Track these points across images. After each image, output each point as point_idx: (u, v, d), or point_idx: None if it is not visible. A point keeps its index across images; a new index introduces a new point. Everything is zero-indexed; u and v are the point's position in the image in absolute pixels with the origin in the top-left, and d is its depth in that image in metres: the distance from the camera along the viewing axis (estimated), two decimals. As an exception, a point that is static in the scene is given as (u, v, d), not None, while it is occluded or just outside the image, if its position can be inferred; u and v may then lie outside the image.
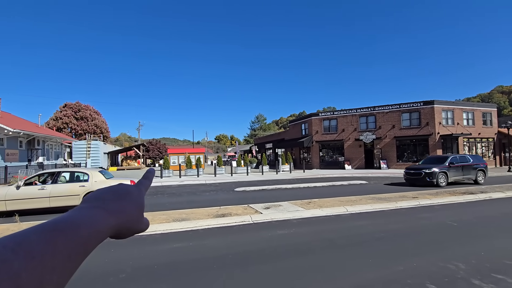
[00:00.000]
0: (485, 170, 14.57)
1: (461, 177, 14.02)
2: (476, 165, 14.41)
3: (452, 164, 13.83)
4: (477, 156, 15.50)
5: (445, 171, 13.55)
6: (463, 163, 14.25)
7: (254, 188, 14.11)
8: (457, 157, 14.47)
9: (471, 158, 14.64)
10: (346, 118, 27.99)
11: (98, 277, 3.84)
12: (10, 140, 19.28)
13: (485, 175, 14.59)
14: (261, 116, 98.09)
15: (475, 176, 14.23)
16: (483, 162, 14.84)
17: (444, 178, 13.45)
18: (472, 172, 14.25)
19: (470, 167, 14.27)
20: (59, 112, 48.08)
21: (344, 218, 7.19)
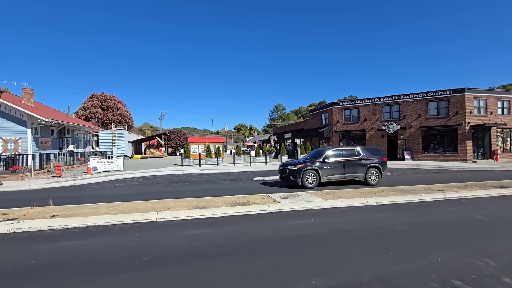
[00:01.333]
0: (381, 166, 11.59)
1: (341, 175, 11.25)
2: (366, 160, 11.51)
3: (327, 160, 11.15)
4: (373, 149, 12.36)
5: (317, 168, 10.92)
6: (348, 158, 11.42)
7: (273, 178, 14.14)
8: (341, 150, 11.68)
9: (362, 151, 11.80)
10: (368, 107, 27.05)
11: (124, 259, 4.05)
12: (43, 129, 20.51)
13: (381, 173, 11.59)
14: (280, 105, 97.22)
15: (364, 175, 11.37)
16: (379, 157, 11.80)
17: (315, 177, 10.82)
18: (360, 169, 11.40)
19: (357, 164, 11.42)
20: (87, 103, 50.35)
21: (365, 209, 7.05)
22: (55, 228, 5.66)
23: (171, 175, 16.40)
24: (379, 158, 11.79)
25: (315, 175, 10.90)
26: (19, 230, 5.52)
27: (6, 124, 17.81)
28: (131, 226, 5.74)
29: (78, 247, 4.59)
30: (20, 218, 6.11)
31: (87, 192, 10.88)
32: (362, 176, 11.45)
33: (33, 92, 22.22)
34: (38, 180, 13.99)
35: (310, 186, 10.71)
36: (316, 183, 10.85)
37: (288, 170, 11.06)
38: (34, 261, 4.01)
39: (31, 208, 7.03)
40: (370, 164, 11.53)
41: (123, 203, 7.75)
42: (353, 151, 11.75)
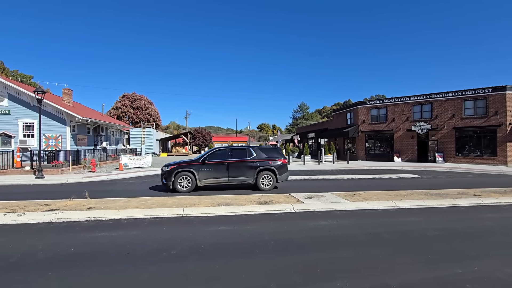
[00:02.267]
0: (277, 170, 10.08)
1: (223, 179, 9.92)
2: (258, 162, 10.06)
3: (207, 161, 9.88)
4: (271, 150, 10.74)
5: (192, 170, 9.66)
6: (235, 159, 10.03)
7: (296, 178, 14.04)
8: (228, 150, 10.31)
9: (255, 152, 10.28)
10: (397, 107, 25.90)
11: (153, 251, 4.25)
12: (80, 127, 21.98)
13: (276, 177, 10.08)
14: (303, 105, 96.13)
15: (255, 179, 9.96)
16: (276, 159, 10.29)
17: (190, 180, 9.59)
18: (248, 172, 9.96)
19: (245, 166, 9.99)
20: (118, 102, 53.14)
21: (393, 213, 6.79)
22: (91, 219, 6.06)
23: (196, 172, 16.84)
24: (275, 160, 10.27)
25: (190, 178, 9.63)
26: (60, 220, 5.98)
27: (48, 122, 19.28)
28: (159, 220, 6.00)
29: (112, 238, 4.88)
30: (61, 209, 6.62)
31: (119, 186, 11.50)
32: (251, 180, 10.01)
33: (71, 92, 23.87)
34: (76, 174, 15.02)
35: (182, 190, 9.51)
36: (192, 187, 9.63)
37: (161, 171, 9.98)
38: (73, 249, 4.33)
39: (70, 200, 7.58)
40: (263, 167, 10.04)
41: (151, 198, 8.11)
42: (243, 152, 10.31)
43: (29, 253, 4.19)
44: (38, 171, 13.47)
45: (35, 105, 17.51)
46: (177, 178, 9.61)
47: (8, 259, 3.94)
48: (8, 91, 19.24)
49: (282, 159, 10.46)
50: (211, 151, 10.50)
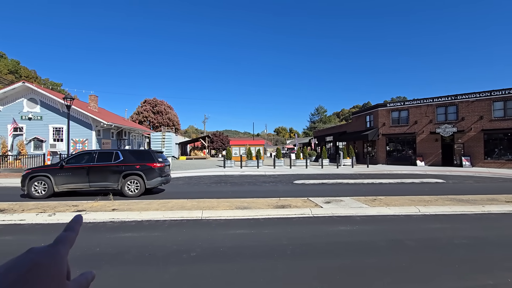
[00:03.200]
0: (145, 175, 9.51)
1: (84, 184, 9.34)
2: (125, 166, 9.47)
3: (67, 164, 9.38)
4: (142, 153, 10.26)
5: (48, 175, 9.09)
6: (98, 163, 9.47)
7: (314, 182, 13.86)
8: (93, 153, 9.75)
9: (123, 155, 9.71)
10: (419, 109, 24.96)
11: (174, 252, 4.36)
12: (105, 131, 22.97)
13: (145, 182, 9.49)
14: (321, 108, 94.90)
15: (119, 184, 9.40)
16: (145, 163, 9.67)
17: (46, 185, 9.05)
18: (112, 177, 9.40)
19: (109, 170, 9.44)
20: (140, 107, 55.06)
21: (416, 219, 6.53)
22: (115, 220, 6.31)
23: (214, 176, 17.07)
24: (144, 164, 9.67)
25: (46, 183, 9.11)
26: (86, 221, 6.26)
27: (76, 127, 20.31)
28: (179, 223, 6.14)
29: (134, 239, 5.06)
30: (87, 210, 6.94)
31: (140, 189, 11.88)
32: (116, 186, 9.45)
33: (97, 98, 25.04)
34: (100, 177, 15.69)
35: (37, 196, 9.02)
36: (48, 193, 9.10)
37: (22, 177, 9.43)
38: (98, 249, 4.53)
39: (95, 202, 7.93)
40: (129, 172, 9.47)
41: (171, 200, 8.31)
42: (109, 155, 9.79)
43: (59, 251, 4.42)
44: (66, 174, 14.18)
45: (64, 111, 18.51)
46: (32, 183, 9.13)
47: (41, 257, 4.19)
48: (41, 98, 20.50)
49: (152, 163, 9.80)
50: (75, 154, 10.11)
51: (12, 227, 5.83)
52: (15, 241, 4.97)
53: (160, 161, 10.10)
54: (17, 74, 54.14)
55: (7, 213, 6.63)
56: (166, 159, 11.10)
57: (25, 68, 58.73)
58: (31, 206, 7.53)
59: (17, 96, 20.27)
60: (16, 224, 6.07)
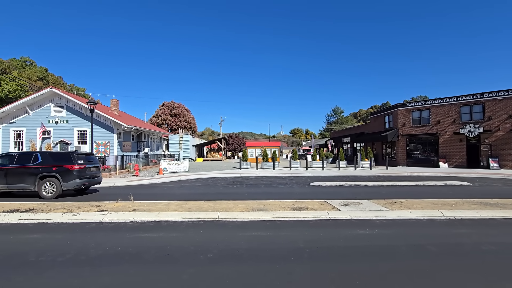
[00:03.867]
0: (61, 176, 9.65)
1: (2, 186, 9.61)
2: (41, 168, 9.60)
3: None
4: (62, 155, 10.42)
5: None
6: (16, 165, 9.69)
7: (331, 184, 13.64)
8: (13, 155, 10.08)
9: (42, 157, 9.88)
10: (442, 108, 23.95)
11: (191, 253, 4.43)
12: (125, 134, 23.78)
13: (61, 184, 9.62)
14: (337, 108, 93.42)
15: (36, 186, 9.54)
16: (62, 165, 9.78)
17: None
18: (29, 179, 9.58)
19: (26, 172, 9.60)
20: (158, 110, 56.57)
21: (439, 223, 6.26)
22: (135, 220, 6.50)
23: (230, 177, 17.20)
24: (61, 166, 9.77)
25: None
26: (108, 221, 6.50)
27: (98, 130, 21.17)
28: (196, 224, 6.23)
29: (153, 239, 5.19)
30: (109, 210, 7.20)
31: (159, 190, 12.19)
32: (33, 187, 9.62)
33: (118, 102, 26.00)
34: (121, 178, 16.24)
35: None
36: None
37: None
38: (119, 248, 4.68)
39: (116, 202, 8.22)
40: (45, 174, 9.61)
41: (189, 201, 8.46)
42: (28, 157, 9.95)
43: (83, 250, 4.62)
44: (89, 175, 14.81)
45: (88, 115, 19.34)
46: None
47: (66, 255, 4.39)
48: (66, 103, 21.56)
49: (70, 165, 9.89)
50: None
51: (40, 226, 6.16)
52: (43, 239, 5.24)
53: (79, 163, 10.18)
54: (45, 80, 57.22)
55: (35, 212, 7.01)
56: (93, 161, 11.30)
57: (52, 75, 61.97)
58: (58, 206, 7.92)
59: (45, 102, 21.43)
60: (44, 223, 6.40)
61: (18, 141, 21.17)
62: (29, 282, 3.49)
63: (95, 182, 11.28)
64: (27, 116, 21.20)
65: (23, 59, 60.43)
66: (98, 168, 11.43)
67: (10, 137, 21.08)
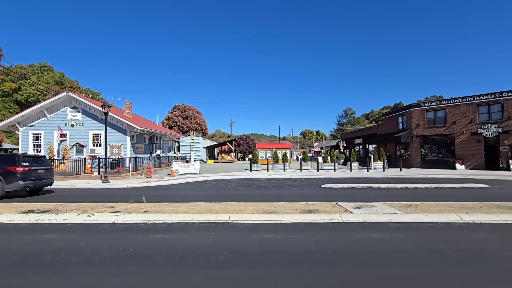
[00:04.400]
0: (3, 178, 10.05)
1: None
2: None
3: None
4: (6, 157, 10.75)
5: None
6: None
7: (342, 186, 13.42)
8: None
9: None
10: (458, 108, 23.21)
11: (202, 255, 4.42)
12: (138, 136, 24.22)
13: (3, 185, 10.00)
14: (349, 109, 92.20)
15: None
16: (6, 166, 10.17)
17: None
18: None
19: None
20: (170, 113, 57.38)
21: (457, 227, 6.03)
22: (147, 222, 6.57)
23: (240, 179, 17.22)
24: (4, 168, 10.16)
25: None
26: (121, 222, 6.61)
27: (112, 132, 21.65)
28: (207, 226, 6.24)
29: (165, 241, 5.22)
30: (122, 212, 7.32)
31: (171, 191, 12.31)
32: None
33: (131, 105, 26.52)
34: (134, 179, 16.53)
35: None
36: None
37: None
38: (132, 249, 4.74)
39: (129, 204, 8.35)
40: None
41: (200, 203, 8.50)
42: None
43: (96, 250, 4.70)
44: (104, 177, 15.16)
45: (102, 118, 19.83)
46: None
47: (80, 255, 4.48)
48: (82, 106, 22.17)
49: (13, 167, 10.23)
50: None
51: (57, 226, 6.31)
52: (59, 240, 5.36)
53: (24, 166, 10.49)
54: (62, 84, 59.12)
55: (52, 213, 7.20)
56: (42, 164, 11.46)
57: (69, 79, 64.00)
58: (73, 207, 8.11)
59: (62, 105, 22.10)
60: (60, 223, 6.56)
61: (36, 143, 21.90)
62: (45, 282, 3.56)
63: (43, 184, 11.52)
64: (45, 119, 21.92)
65: (42, 65, 62.77)
66: (48, 170, 11.70)
67: (29, 139, 21.84)
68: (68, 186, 14.02)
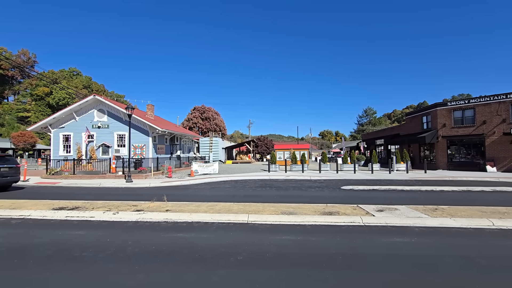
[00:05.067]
0: None
1: None
2: None
3: None
4: None
5: None
6: None
7: (363, 188, 13.06)
8: None
9: None
10: (488, 107, 21.86)
11: (221, 255, 4.47)
12: (160, 137, 24.95)
13: None
14: (370, 109, 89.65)
15: None
16: None
17: None
18: None
19: None
20: (190, 114, 58.65)
21: (489, 233, 5.68)
22: (168, 220, 6.75)
23: (258, 180, 17.23)
24: None
25: None
26: (144, 220, 6.83)
27: (135, 133, 22.46)
28: (226, 225, 6.31)
29: (185, 240, 5.34)
30: (145, 210, 7.57)
31: (191, 191, 12.56)
32: None
33: (153, 107, 27.39)
34: (156, 179, 17.04)
35: None
36: None
37: None
38: (154, 247, 4.88)
39: (151, 203, 8.61)
40: None
41: (219, 203, 8.60)
42: None
43: (121, 247, 4.89)
44: (127, 176, 15.75)
45: (126, 119, 20.60)
46: None
47: (106, 251, 4.68)
48: (107, 109, 23.19)
49: None
50: None
51: (84, 223, 6.64)
52: (86, 236, 5.64)
53: None
54: (89, 88, 62.21)
55: (80, 210, 7.58)
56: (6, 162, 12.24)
57: (96, 83, 67.23)
58: (99, 204, 8.50)
59: (89, 108, 23.23)
60: (87, 220, 6.89)
61: (66, 144, 23.15)
62: (74, 276, 3.76)
63: (8, 182, 12.35)
64: (74, 121, 23.13)
65: (71, 70, 66.40)
66: (13, 168, 12.50)
67: (59, 140, 23.13)
68: (94, 185, 14.71)
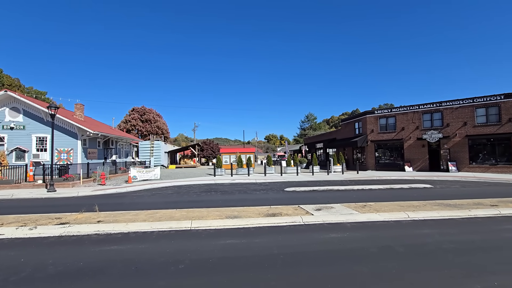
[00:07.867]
0: None
1: None
2: None
3: None
4: None
5: None
6: None
7: (304, 189, 13.86)
8: None
9: None
10: (406, 116, 25.60)
11: (161, 265, 4.21)
12: (91, 140, 22.43)
13: None
14: (311, 115, 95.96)
15: None
16: None
17: None
18: None
19: None
20: (128, 116, 54.18)
21: (405, 224, 6.59)
22: (100, 233, 6.08)
23: (204, 184, 16.85)
24: None
25: None
26: (70, 234, 6.02)
27: (61, 136, 19.78)
28: (167, 234, 5.97)
29: (120, 252, 4.87)
30: (71, 223, 6.67)
31: (128, 199, 11.57)
32: None
33: (83, 107, 24.53)
34: (86, 187, 15.22)
35: None
36: None
37: None
38: (82, 263, 4.33)
39: (80, 214, 7.65)
40: None
41: (160, 211, 8.11)
42: None
43: (39, 267, 4.20)
44: (49, 185, 13.69)
45: (48, 120, 18.02)
46: None
47: (20, 273, 3.97)
48: (23, 107, 19.92)
49: None
50: None
51: (-11, 243, 5.52)
52: (-9, 258, 4.69)
53: None
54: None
55: (-16, 228, 6.29)
56: None
57: (8, 76, 57.09)
58: (11, 219, 7.19)
59: (-1, 105, 19.62)
60: (-6, 239, 5.75)
61: (-35, 148, 19.07)
62: (-28, 308, 3.08)
63: None
64: (-23, 121, 19.25)
65: (-26, 59, 55.10)
66: None
67: (-44, 144, 18.96)
68: (5, 197, 12.40)
